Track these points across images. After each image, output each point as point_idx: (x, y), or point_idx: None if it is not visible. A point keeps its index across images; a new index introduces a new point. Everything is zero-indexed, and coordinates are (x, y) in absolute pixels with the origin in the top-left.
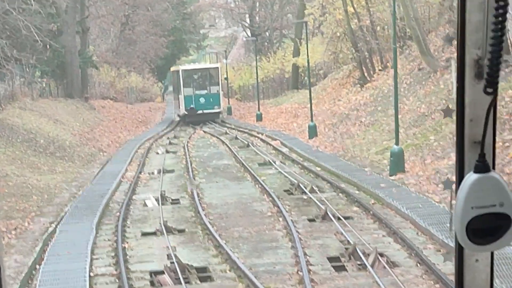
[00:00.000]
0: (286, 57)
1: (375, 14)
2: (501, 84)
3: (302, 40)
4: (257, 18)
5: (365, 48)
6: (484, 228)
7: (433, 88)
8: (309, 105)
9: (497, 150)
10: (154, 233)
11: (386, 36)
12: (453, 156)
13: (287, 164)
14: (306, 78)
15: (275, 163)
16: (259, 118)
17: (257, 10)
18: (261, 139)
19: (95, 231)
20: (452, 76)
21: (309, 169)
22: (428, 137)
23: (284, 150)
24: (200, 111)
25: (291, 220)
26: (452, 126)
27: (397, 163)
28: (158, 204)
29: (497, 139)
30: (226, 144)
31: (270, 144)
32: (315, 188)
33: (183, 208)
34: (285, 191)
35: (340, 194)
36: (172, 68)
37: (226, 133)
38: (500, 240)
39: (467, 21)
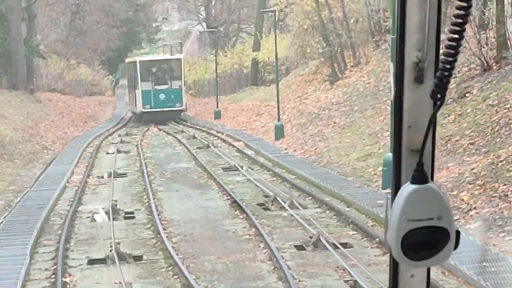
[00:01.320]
0: (245, 51)
1: (347, 6)
2: (504, 85)
3: (262, 34)
4: (213, 11)
5: (336, 42)
6: (420, 242)
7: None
8: (272, 103)
9: None
10: (103, 261)
11: (359, 30)
12: (451, 166)
13: (256, 170)
14: (266, 74)
15: (242, 168)
16: (217, 115)
17: (213, 2)
18: (222, 139)
19: (29, 257)
20: (390, 80)
21: (283, 176)
22: None
23: (250, 152)
24: (159, 109)
25: (276, 247)
26: (444, 130)
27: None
28: (109, 218)
29: None
30: (183, 144)
31: (233, 145)
32: (295, 202)
33: (139, 225)
34: (259, 205)
35: (327, 211)
36: (127, 60)
37: (182, 131)
38: (438, 255)
39: (407, 21)
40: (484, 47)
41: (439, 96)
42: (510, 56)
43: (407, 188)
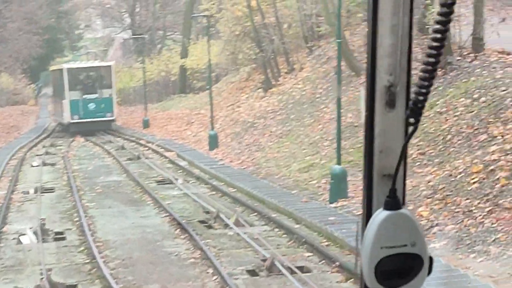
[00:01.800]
0: (172, 58)
1: (280, 11)
2: (451, 91)
3: (190, 40)
4: (137, 17)
5: (269, 48)
6: (394, 270)
7: (357, 94)
8: (203, 111)
9: None
10: None
11: (292, 35)
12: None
13: (192, 183)
14: (194, 81)
15: (177, 181)
16: (146, 124)
17: (138, 9)
18: (153, 150)
19: None
20: (360, 104)
21: (222, 190)
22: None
23: (183, 164)
24: (89, 119)
25: (227, 273)
26: None
27: (340, 188)
28: (37, 240)
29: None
30: (112, 155)
31: (165, 156)
32: (240, 219)
33: (72, 248)
34: (201, 222)
35: (276, 229)
36: (52, 67)
37: (110, 141)
38: (412, 283)
39: (379, 45)
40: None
41: (413, 120)
42: (454, 61)
43: (380, 214)
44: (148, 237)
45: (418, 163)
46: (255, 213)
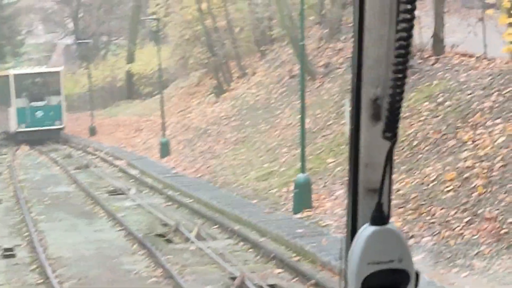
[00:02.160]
0: (117, 63)
1: (231, 14)
2: (413, 95)
3: (137, 45)
4: (80, 23)
5: (221, 52)
6: (381, 286)
7: (314, 99)
8: (152, 118)
9: None
10: None
11: (244, 39)
12: None
13: (146, 193)
14: (141, 87)
15: (129, 191)
16: (92, 132)
17: (81, 14)
18: (102, 158)
19: None
20: (345, 117)
21: (178, 200)
22: (324, 160)
23: (134, 172)
24: (37, 128)
25: None
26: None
27: (304, 197)
28: None
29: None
30: (59, 164)
31: (115, 165)
32: (202, 233)
33: (23, 266)
34: (160, 236)
35: (241, 243)
36: (1, 73)
37: (56, 149)
38: None
39: (365, 56)
40: None
41: (389, 135)
42: (416, 64)
43: (367, 229)
44: (104, 253)
45: None
46: (217, 225)
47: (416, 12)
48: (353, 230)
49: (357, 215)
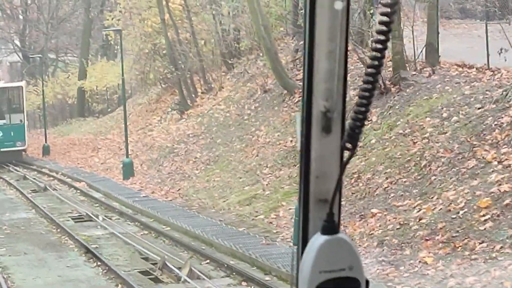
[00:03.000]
0: (69, 80)
1: (195, 26)
2: (411, 109)
3: (88, 61)
4: (27, 39)
5: (185, 66)
6: None
7: (294, 115)
8: (110, 136)
9: None
10: None
11: (209, 52)
12: (377, 212)
13: (116, 220)
14: (94, 104)
15: (97, 217)
16: (46, 151)
17: (28, 30)
18: (59, 180)
19: None
20: (297, 130)
21: (155, 229)
22: None
23: (98, 195)
24: None
25: None
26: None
27: None
28: None
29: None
30: (14, 187)
31: (75, 187)
32: (195, 269)
33: None
34: (144, 274)
35: (244, 283)
36: None
37: (9, 170)
38: None
39: (315, 70)
40: None
41: (350, 146)
42: (409, 76)
43: (318, 239)
44: None
45: (393, 195)
46: (207, 260)
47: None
48: (304, 240)
49: (308, 225)
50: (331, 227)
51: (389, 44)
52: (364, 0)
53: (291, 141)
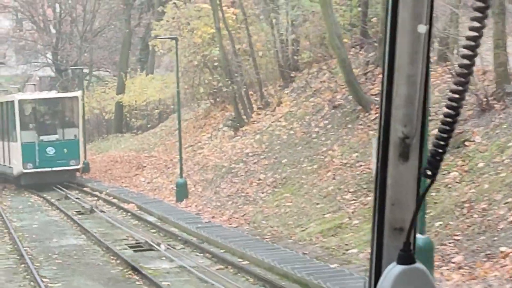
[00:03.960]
0: (105, 94)
1: (252, 36)
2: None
3: (127, 74)
4: (60, 52)
5: (242, 79)
6: None
7: (372, 134)
8: (155, 154)
9: None
10: None
11: (265, 64)
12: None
13: (181, 250)
14: (132, 119)
15: (159, 246)
16: (86, 168)
17: (61, 43)
18: (105, 200)
19: None
20: (372, 156)
21: (230, 262)
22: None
23: (153, 219)
24: (47, 169)
25: None
26: (454, 193)
27: (428, 267)
28: None
29: None
30: (57, 207)
31: (124, 209)
32: None
33: None
34: None
35: None
36: (2, 98)
37: (49, 189)
38: None
39: (394, 95)
40: (481, 80)
41: (430, 173)
42: None
43: (394, 269)
44: None
45: None
46: None
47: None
48: (377, 270)
49: (382, 254)
50: (408, 256)
51: (491, 56)
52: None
53: (370, 163)
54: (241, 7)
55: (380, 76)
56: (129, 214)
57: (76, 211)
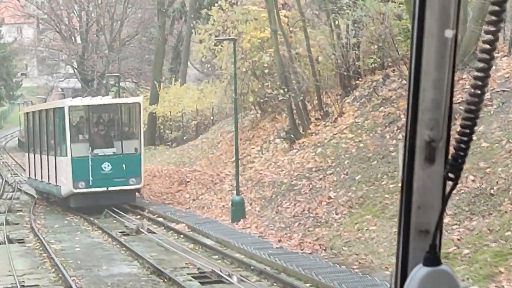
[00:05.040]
0: None
1: (310, 39)
2: None
3: (162, 84)
4: (85, 62)
5: (299, 87)
6: None
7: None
8: (197, 168)
9: None
10: None
11: (324, 71)
12: None
13: (256, 282)
14: (167, 131)
15: (230, 278)
16: None
17: (88, 53)
18: (151, 219)
19: None
20: (398, 160)
21: None
22: None
23: (210, 243)
24: (102, 188)
25: None
26: None
27: None
28: None
29: None
30: (97, 226)
31: (174, 229)
32: None
33: None
34: None
35: None
36: (44, 105)
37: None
38: None
39: (421, 99)
40: None
41: (453, 176)
42: None
43: (421, 270)
44: None
45: None
46: None
47: None
48: (403, 272)
49: (408, 257)
50: (434, 258)
51: None
52: None
53: (473, 180)
54: (299, 6)
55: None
56: (182, 236)
57: (120, 232)
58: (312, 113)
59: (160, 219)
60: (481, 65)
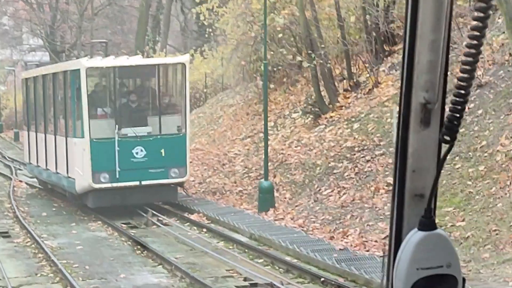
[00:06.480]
0: None
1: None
2: None
3: (145, 54)
4: (55, 33)
5: (326, 53)
6: None
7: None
8: (199, 146)
9: None
10: None
11: (353, 35)
12: None
13: None
14: None
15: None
16: None
17: (59, 23)
18: (159, 207)
19: None
20: (393, 124)
21: None
22: None
23: (244, 240)
24: (133, 182)
25: None
26: None
27: None
28: None
29: None
30: (95, 215)
31: (191, 221)
32: None
33: None
34: None
35: None
36: (51, 68)
37: None
38: None
39: (416, 61)
40: None
41: (448, 139)
42: None
43: (416, 235)
44: None
45: None
46: None
47: None
48: (397, 237)
49: (403, 221)
50: (429, 222)
51: None
52: None
53: None
54: None
55: None
56: (203, 229)
57: (123, 223)
58: (342, 83)
59: (168, 207)
60: (474, 23)
